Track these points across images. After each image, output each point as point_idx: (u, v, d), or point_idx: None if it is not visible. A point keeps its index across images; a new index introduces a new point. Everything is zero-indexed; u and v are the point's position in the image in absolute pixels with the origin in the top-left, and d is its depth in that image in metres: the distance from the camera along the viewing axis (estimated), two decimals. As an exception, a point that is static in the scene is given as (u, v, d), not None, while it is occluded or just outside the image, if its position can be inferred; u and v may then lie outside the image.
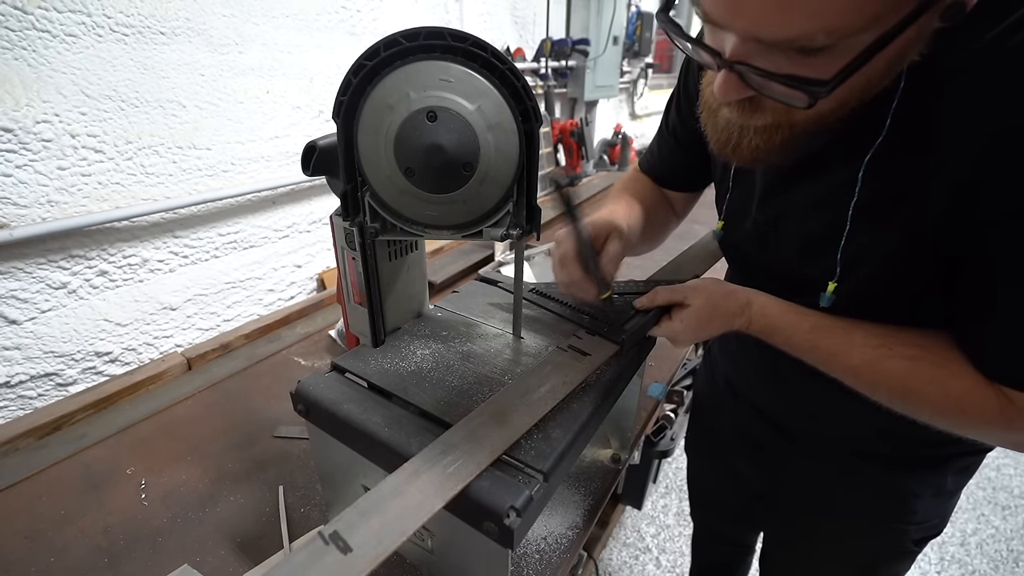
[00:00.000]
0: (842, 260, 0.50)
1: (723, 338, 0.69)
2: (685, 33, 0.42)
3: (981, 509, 1.79)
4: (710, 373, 0.88)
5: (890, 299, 0.50)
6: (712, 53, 0.40)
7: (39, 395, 0.98)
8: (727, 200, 0.64)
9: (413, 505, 0.41)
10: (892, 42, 0.33)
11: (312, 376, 0.58)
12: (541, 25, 2.21)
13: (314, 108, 1.33)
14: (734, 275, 0.72)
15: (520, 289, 0.64)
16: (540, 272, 1.42)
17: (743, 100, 0.43)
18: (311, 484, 0.75)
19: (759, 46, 0.36)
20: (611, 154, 2.94)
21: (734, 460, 0.83)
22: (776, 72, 0.37)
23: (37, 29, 0.84)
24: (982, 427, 0.47)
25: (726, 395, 0.81)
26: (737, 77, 0.40)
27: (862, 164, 0.46)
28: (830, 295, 0.51)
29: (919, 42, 0.37)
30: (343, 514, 0.41)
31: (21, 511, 0.71)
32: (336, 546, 0.38)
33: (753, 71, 0.38)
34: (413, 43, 0.47)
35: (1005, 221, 0.40)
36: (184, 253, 1.14)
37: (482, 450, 0.47)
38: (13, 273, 0.89)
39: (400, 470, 0.45)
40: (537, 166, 0.53)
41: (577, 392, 0.56)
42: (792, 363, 0.55)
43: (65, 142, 0.91)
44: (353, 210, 0.55)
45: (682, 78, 0.69)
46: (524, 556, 0.64)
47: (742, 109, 0.44)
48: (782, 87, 0.37)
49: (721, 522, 1.07)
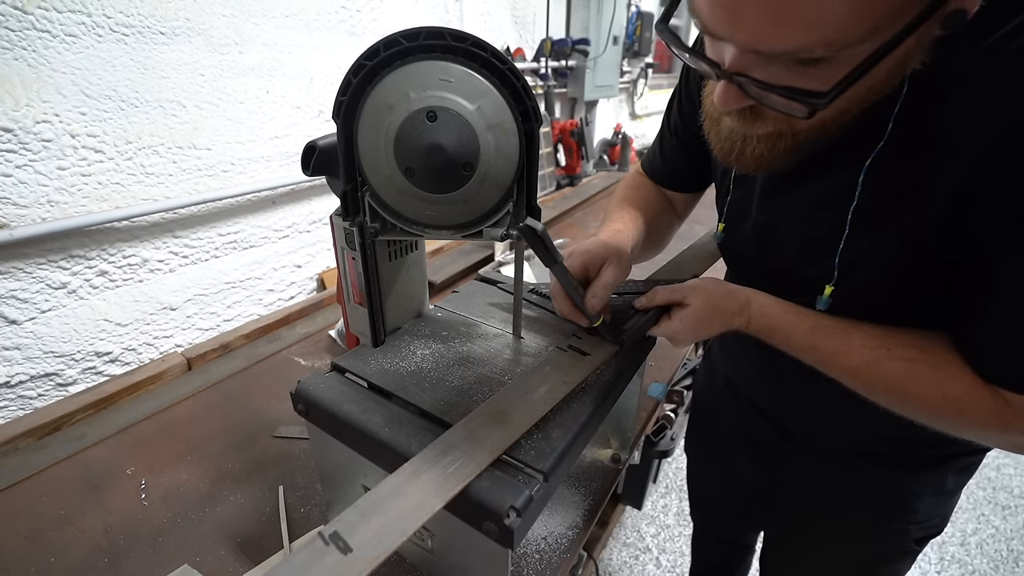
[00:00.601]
0: (840, 263, 0.50)
1: (722, 338, 0.69)
2: (684, 44, 0.42)
3: (981, 509, 1.79)
4: (710, 373, 0.88)
5: (888, 302, 0.50)
6: (711, 64, 0.40)
7: (39, 395, 0.98)
8: (728, 202, 0.64)
9: (413, 505, 0.41)
10: (891, 52, 0.33)
11: (312, 376, 0.58)
12: (541, 25, 2.21)
13: (314, 108, 1.33)
14: (733, 276, 0.72)
15: (520, 289, 0.64)
16: (540, 272, 1.42)
17: (744, 109, 0.43)
18: (311, 484, 0.75)
19: (758, 57, 0.37)
20: (611, 154, 2.94)
21: (734, 460, 0.83)
22: (775, 84, 0.37)
23: (37, 29, 0.84)
24: (979, 429, 0.47)
25: (726, 395, 0.81)
26: (737, 88, 0.40)
27: (863, 168, 0.46)
28: (827, 298, 0.52)
29: (920, 51, 0.37)
30: (343, 514, 0.41)
31: (21, 511, 0.71)
32: (336, 546, 0.38)
33: (752, 83, 0.38)
34: (413, 43, 0.47)
35: (1001, 226, 0.40)
36: (184, 253, 1.14)
37: (482, 450, 0.47)
38: (13, 273, 0.89)
39: (400, 470, 0.45)
40: (537, 166, 0.53)
41: (577, 392, 0.56)
42: (791, 363, 0.55)
43: (65, 142, 0.91)
44: (353, 210, 0.55)
45: (683, 79, 0.69)
46: (524, 556, 0.64)
47: (743, 118, 0.44)
48: (781, 98, 0.38)
49: (721, 522, 1.07)
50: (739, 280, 0.66)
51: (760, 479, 0.79)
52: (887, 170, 0.45)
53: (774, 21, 0.33)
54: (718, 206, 0.67)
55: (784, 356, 0.55)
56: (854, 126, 0.43)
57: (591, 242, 0.63)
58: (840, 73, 0.35)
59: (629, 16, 2.83)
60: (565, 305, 0.61)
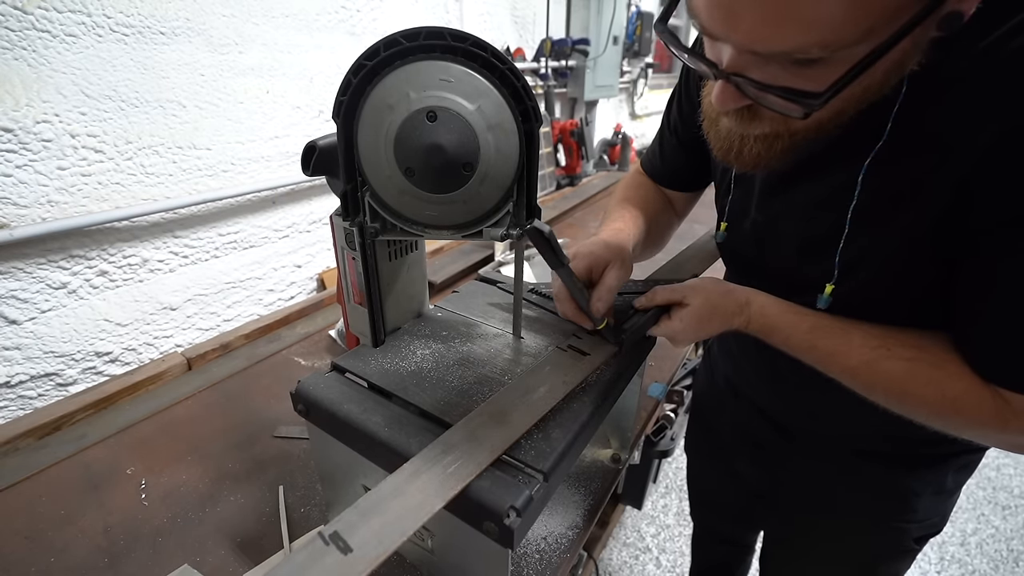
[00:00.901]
0: (840, 262, 0.50)
1: (722, 338, 0.69)
2: (683, 44, 0.42)
3: (981, 509, 1.80)
4: (710, 373, 0.88)
5: (889, 301, 0.50)
6: (709, 64, 0.40)
7: (39, 395, 0.98)
8: (728, 201, 0.64)
9: (413, 505, 0.41)
10: (887, 54, 0.33)
11: (312, 376, 0.58)
12: (541, 25, 2.21)
13: (314, 108, 1.33)
14: (732, 276, 0.72)
15: (520, 289, 0.64)
16: (540, 272, 1.42)
17: (741, 110, 0.43)
18: (311, 484, 0.75)
19: (755, 58, 0.37)
20: (611, 154, 2.94)
21: (734, 460, 0.83)
22: (772, 84, 0.37)
23: (37, 29, 0.84)
24: (978, 428, 0.47)
25: (726, 395, 0.81)
26: (734, 88, 0.40)
27: (862, 168, 0.46)
28: (827, 297, 0.52)
29: (916, 52, 0.38)
30: (343, 514, 0.40)
31: (21, 511, 0.71)
32: (336, 546, 0.38)
33: (749, 83, 0.38)
34: (413, 43, 0.47)
35: (998, 228, 0.40)
36: (184, 253, 1.14)
37: (482, 450, 0.47)
38: (13, 273, 0.89)
39: (400, 470, 0.45)
40: (537, 166, 0.53)
41: (577, 392, 0.56)
42: (791, 363, 0.55)
43: (65, 142, 0.91)
44: (353, 210, 0.55)
45: (683, 78, 0.69)
46: (524, 556, 0.64)
47: (741, 118, 0.44)
48: (778, 99, 0.38)
49: (721, 522, 1.07)
50: (739, 280, 0.66)
51: (760, 479, 0.79)
52: (886, 169, 0.45)
53: (771, 22, 0.34)
54: (718, 205, 0.67)
55: (784, 356, 0.55)
56: (852, 126, 0.43)
57: (594, 243, 0.63)
58: (836, 74, 0.35)
59: (629, 16, 2.83)
60: (570, 308, 0.61)
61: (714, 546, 1.15)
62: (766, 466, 0.77)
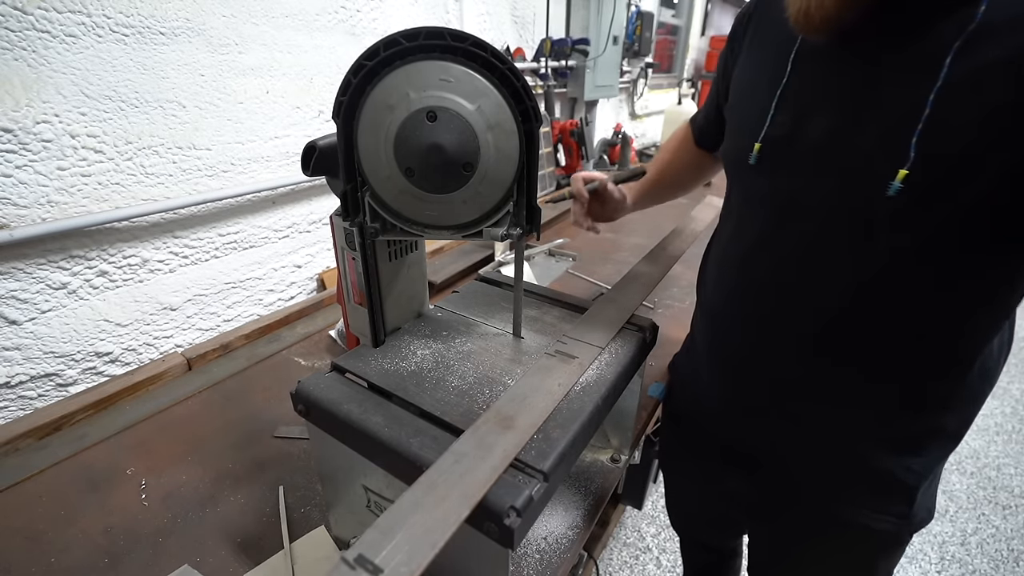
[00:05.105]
0: (917, 144, 0.46)
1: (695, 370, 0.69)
2: None
3: (981, 509, 1.79)
4: (687, 387, 0.86)
5: (958, 201, 0.46)
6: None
7: (39, 395, 0.98)
8: (774, 107, 0.57)
9: (438, 517, 0.40)
10: None
11: (312, 376, 0.58)
12: (541, 25, 2.21)
13: (314, 108, 1.34)
14: (752, 199, 0.64)
15: (520, 289, 0.64)
16: (540, 272, 1.42)
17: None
18: (311, 484, 0.75)
19: None
20: (611, 154, 2.93)
21: (720, 477, 0.80)
22: None
23: (37, 29, 0.84)
24: None
25: (705, 416, 0.79)
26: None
27: (952, 47, 0.43)
28: (899, 183, 0.47)
29: None
30: (363, 537, 0.39)
31: (21, 511, 0.71)
32: (365, 569, 0.36)
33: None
34: (413, 43, 0.47)
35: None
36: (184, 253, 1.14)
37: (493, 456, 0.46)
38: (13, 273, 0.89)
39: (416, 484, 0.44)
40: (537, 166, 0.53)
41: (577, 392, 0.56)
42: (764, 393, 0.53)
43: (65, 142, 0.91)
44: (353, 210, 0.55)
45: (730, 41, 0.68)
46: (524, 556, 0.64)
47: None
48: None
49: (706, 533, 1.06)
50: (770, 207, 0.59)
51: (748, 492, 0.77)
52: (977, 49, 0.42)
53: None
54: (746, 129, 0.60)
55: (754, 389, 0.54)
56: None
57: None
58: None
59: (629, 16, 2.83)
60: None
61: (702, 554, 1.15)
62: (754, 482, 0.75)
